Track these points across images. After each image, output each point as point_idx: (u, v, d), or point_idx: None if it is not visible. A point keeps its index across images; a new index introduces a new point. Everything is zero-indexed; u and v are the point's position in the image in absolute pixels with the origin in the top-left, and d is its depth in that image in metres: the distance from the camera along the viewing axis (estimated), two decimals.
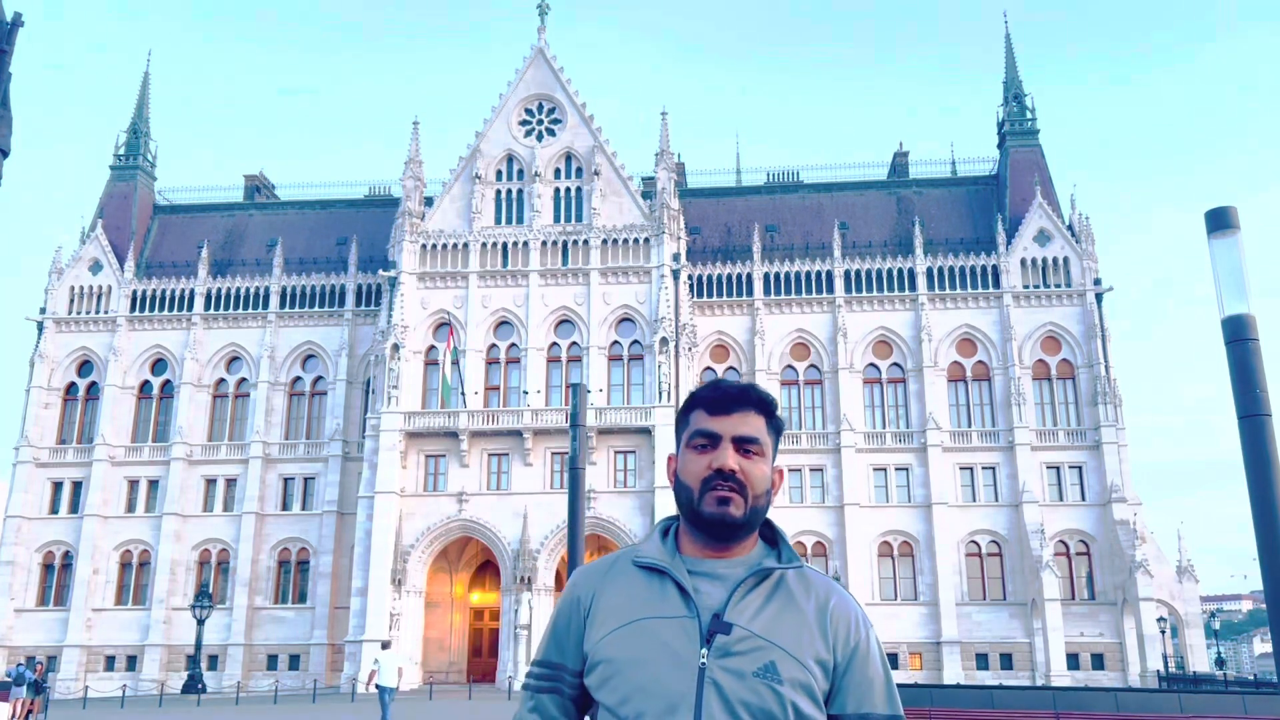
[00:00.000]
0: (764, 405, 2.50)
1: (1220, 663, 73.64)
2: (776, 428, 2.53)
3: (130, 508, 58.88)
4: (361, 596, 51.67)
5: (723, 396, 2.49)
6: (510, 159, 59.20)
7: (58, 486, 59.59)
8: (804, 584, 2.44)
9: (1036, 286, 58.54)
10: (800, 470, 56.80)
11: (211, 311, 61.52)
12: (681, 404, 2.60)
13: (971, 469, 56.43)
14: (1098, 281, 58.13)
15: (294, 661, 55.65)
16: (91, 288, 62.52)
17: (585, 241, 56.73)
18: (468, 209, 57.98)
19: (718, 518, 2.40)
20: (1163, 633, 53.07)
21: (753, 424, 2.47)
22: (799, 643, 2.34)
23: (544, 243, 56.88)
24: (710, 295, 59.77)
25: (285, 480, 59.03)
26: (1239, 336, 4.86)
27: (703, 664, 2.28)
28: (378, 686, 27.55)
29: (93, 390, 61.22)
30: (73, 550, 57.78)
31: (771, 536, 2.54)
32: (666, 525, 2.56)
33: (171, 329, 61.58)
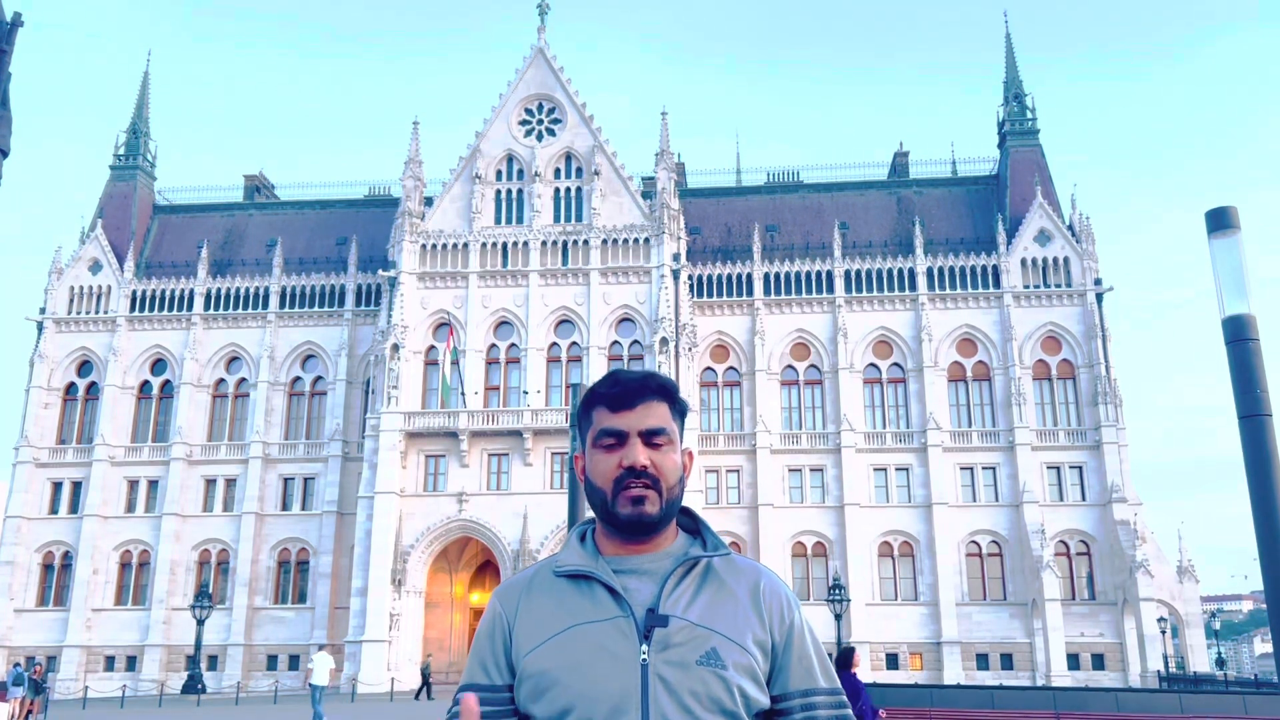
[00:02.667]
0: (665, 392, 2.46)
1: (1221, 663, 73.62)
2: (681, 411, 2.49)
3: (130, 508, 58.88)
4: (361, 596, 51.67)
5: (624, 391, 2.43)
6: (510, 159, 59.21)
7: (57, 486, 59.60)
8: (732, 569, 2.42)
9: (1037, 286, 58.54)
10: (800, 470, 56.82)
11: (211, 311, 61.53)
12: (580, 400, 2.54)
13: (972, 469, 56.43)
14: (1098, 281, 58.13)
15: (294, 661, 55.63)
16: (91, 288, 62.53)
17: (585, 241, 56.74)
18: (468, 209, 57.98)
19: (634, 517, 2.36)
20: (1163, 633, 53.07)
21: (657, 414, 2.42)
22: (737, 627, 2.33)
23: (544, 243, 56.89)
24: (710, 295, 59.77)
25: (285, 480, 59.03)
26: (1239, 336, 4.86)
27: (644, 660, 2.25)
28: (311, 685, 29.97)
29: (92, 390, 61.23)
30: (72, 550, 57.79)
31: (692, 525, 2.51)
32: (582, 530, 2.51)
33: (171, 329, 61.58)
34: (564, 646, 2.30)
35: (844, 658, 14.61)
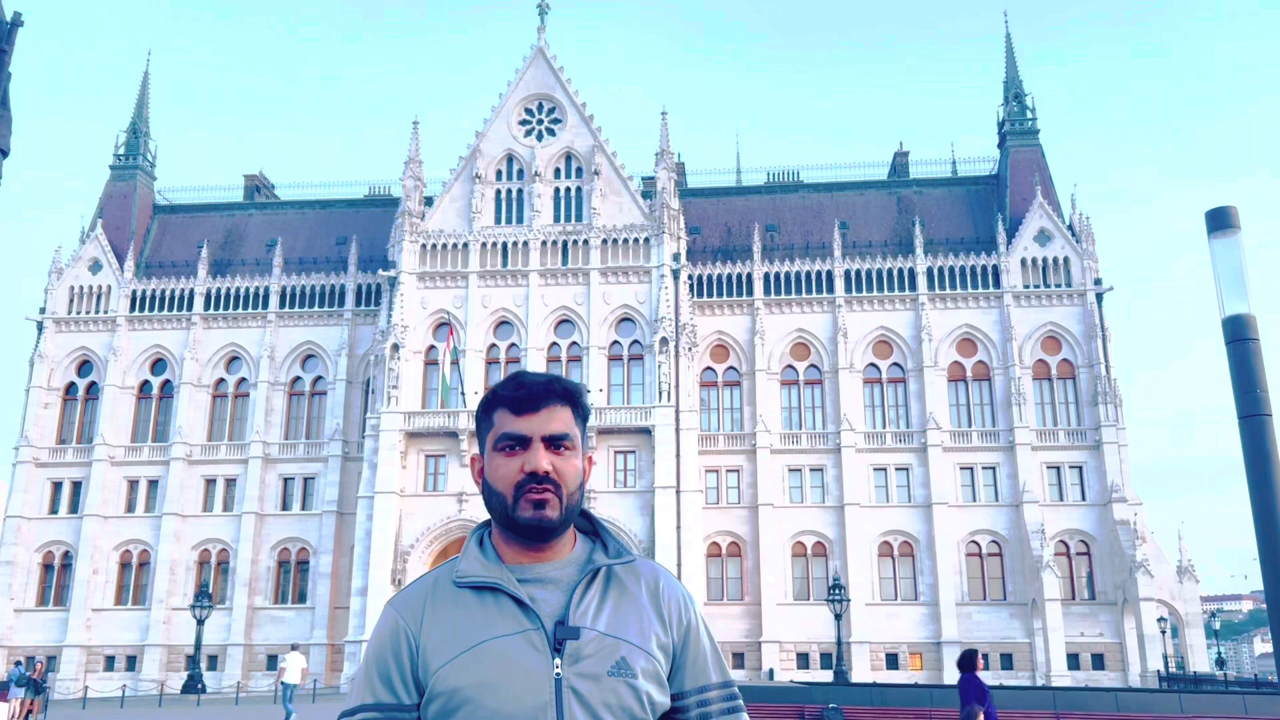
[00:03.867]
0: (569, 396, 2.41)
1: (1220, 663, 73.63)
2: (583, 416, 2.45)
3: (130, 508, 58.89)
4: (361, 596, 51.68)
5: (528, 395, 2.39)
6: (510, 159, 59.22)
7: (57, 486, 59.61)
8: (631, 573, 2.42)
9: (1037, 286, 58.54)
10: (800, 470, 56.82)
11: (211, 311, 61.53)
12: (481, 401, 2.48)
13: (972, 469, 56.43)
14: (1098, 281, 58.14)
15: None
16: (91, 288, 62.53)
17: (585, 241, 56.75)
18: (468, 209, 57.99)
19: (534, 522, 2.33)
20: (1163, 633, 53.07)
21: (561, 419, 2.38)
22: (643, 632, 2.33)
23: (544, 242, 56.90)
24: (710, 295, 59.77)
25: (285, 480, 59.04)
26: (1239, 336, 4.85)
27: (558, 674, 2.23)
28: (282, 683, 30.88)
29: (92, 390, 61.23)
30: (72, 550, 57.79)
31: (590, 528, 2.49)
32: (479, 535, 2.46)
33: (171, 329, 61.59)
34: (474, 663, 2.23)
35: (967, 660, 14.23)
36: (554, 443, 2.36)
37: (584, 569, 2.37)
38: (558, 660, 2.24)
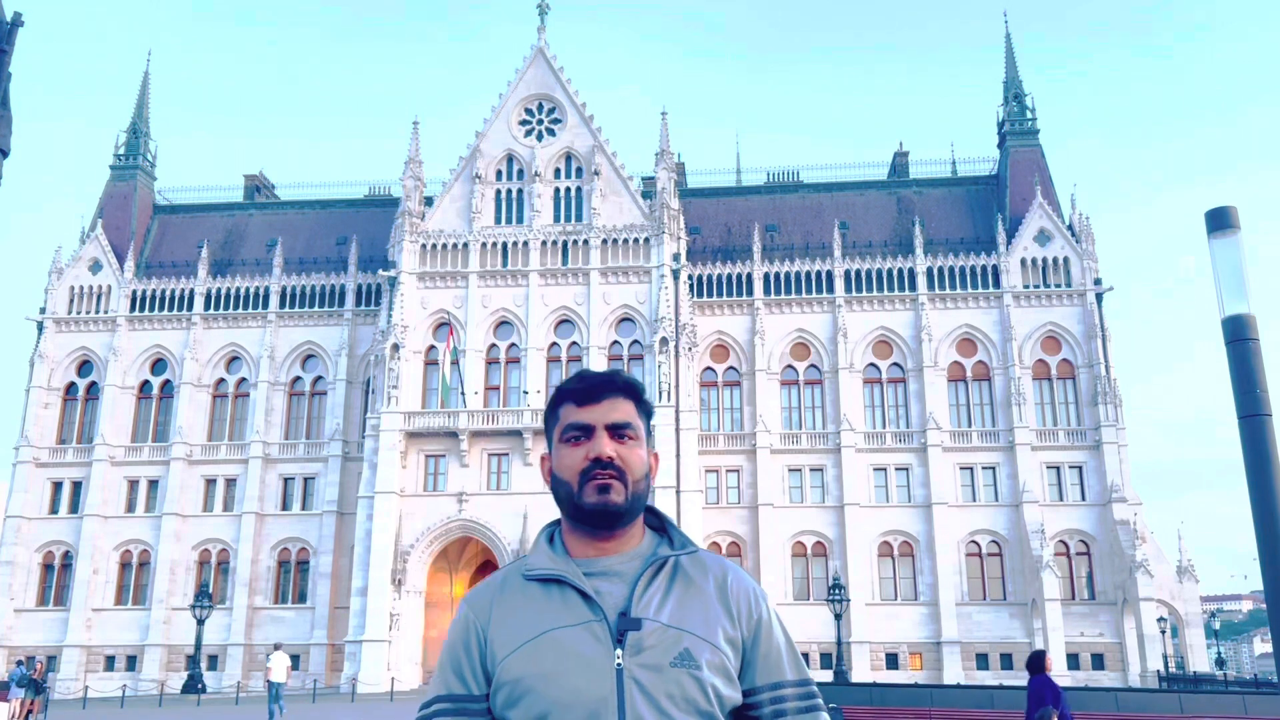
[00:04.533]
0: (631, 389, 2.49)
1: (1220, 663, 73.66)
2: (646, 411, 2.52)
3: (130, 508, 58.89)
4: (361, 596, 51.69)
5: (590, 386, 2.47)
6: (510, 159, 59.24)
7: (57, 486, 59.62)
8: (699, 566, 2.44)
9: (1036, 286, 58.56)
10: (800, 470, 56.83)
11: (211, 311, 61.54)
12: (549, 399, 2.57)
13: (972, 469, 56.44)
14: (1098, 281, 58.16)
15: (294, 662, 55.30)
16: (91, 288, 62.54)
17: (585, 241, 56.76)
18: (468, 209, 58.01)
19: (599, 506, 2.37)
20: (1163, 633, 53.07)
21: (623, 409, 2.45)
22: (708, 625, 2.34)
23: (544, 243, 56.92)
24: (710, 295, 59.78)
25: (285, 480, 59.04)
26: (1239, 336, 4.86)
27: (619, 665, 2.25)
28: (269, 682, 32.26)
29: (92, 390, 61.24)
30: (73, 550, 57.80)
31: (659, 524, 2.52)
32: (550, 532, 2.51)
33: (171, 329, 61.59)
34: (538, 652, 2.28)
35: (1035, 661, 14.13)
36: (617, 431, 2.43)
37: (648, 561, 2.40)
38: (619, 651, 2.27)
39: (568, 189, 58.50)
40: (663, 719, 2.23)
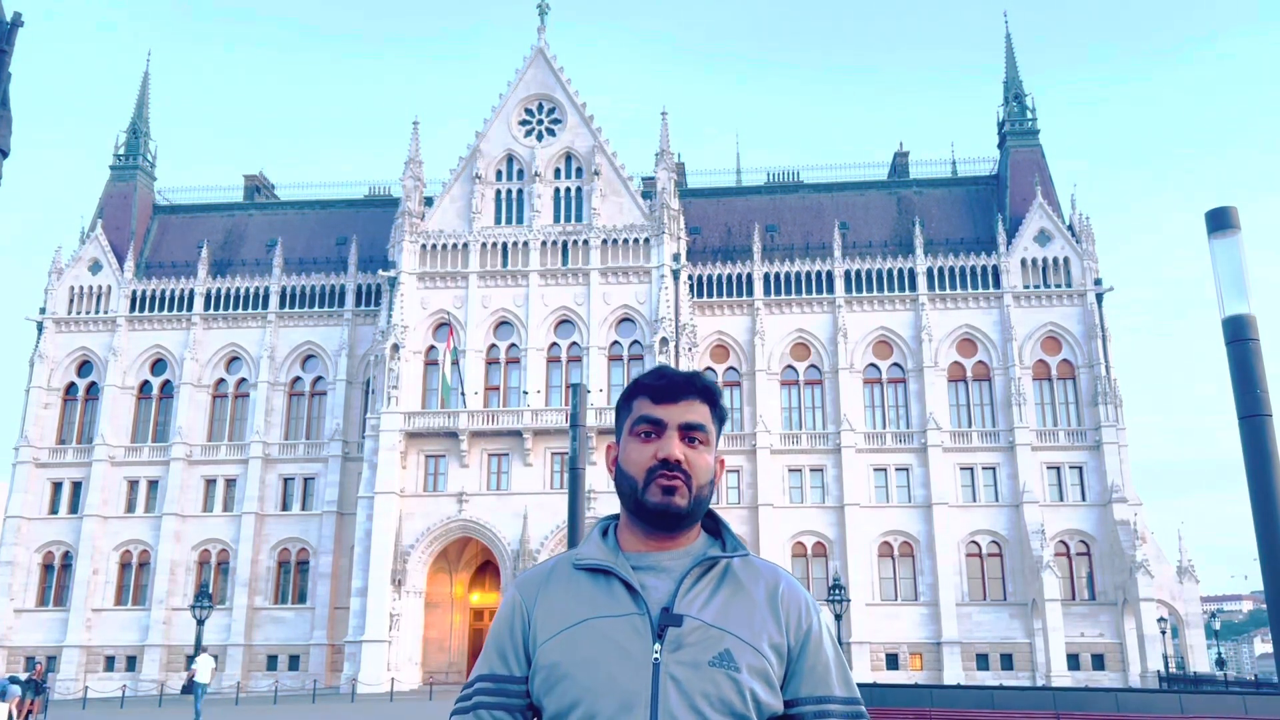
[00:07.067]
0: (709, 393, 2.48)
1: (1221, 663, 73.58)
2: (720, 417, 2.50)
3: (130, 508, 58.88)
4: (361, 597, 51.68)
5: (668, 384, 2.45)
6: (510, 159, 59.23)
7: (57, 486, 59.60)
8: (751, 571, 2.42)
9: (1037, 286, 58.55)
10: (800, 470, 56.82)
11: (211, 311, 61.53)
12: (623, 390, 2.55)
13: (972, 469, 56.44)
14: (1098, 282, 58.15)
15: (294, 662, 55.63)
16: (91, 288, 62.53)
17: (585, 241, 56.75)
18: (468, 209, 58.01)
19: (662, 507, 2.37)
20: (1163, 633, 53.04)
21: (699, 412, 2.44)
22: (752, 629, 2.32)
23: (544, 243, 56.91)
24: (710, 295, 59.77)
25: (285, 480, 59.03)
26: (1239, 337, 4.86)
27: (657, 659, 2.25)
28: (194, 683, 33.12)
29: (92, 390, 61.23)
30: (72, 550, 57.79)
31: (714, 527, 2.51)
32: (605, 525, 2.53)
33: (171, 329, 61.58)
34: (576, 640, 2.30)
35: None
36: (689, 433, 2.42)
37: (697, 559, 2.40)
38: (658, 646, 2.26)
39: (568, 189, 58.49)
40: (695, 717, 2.22)
